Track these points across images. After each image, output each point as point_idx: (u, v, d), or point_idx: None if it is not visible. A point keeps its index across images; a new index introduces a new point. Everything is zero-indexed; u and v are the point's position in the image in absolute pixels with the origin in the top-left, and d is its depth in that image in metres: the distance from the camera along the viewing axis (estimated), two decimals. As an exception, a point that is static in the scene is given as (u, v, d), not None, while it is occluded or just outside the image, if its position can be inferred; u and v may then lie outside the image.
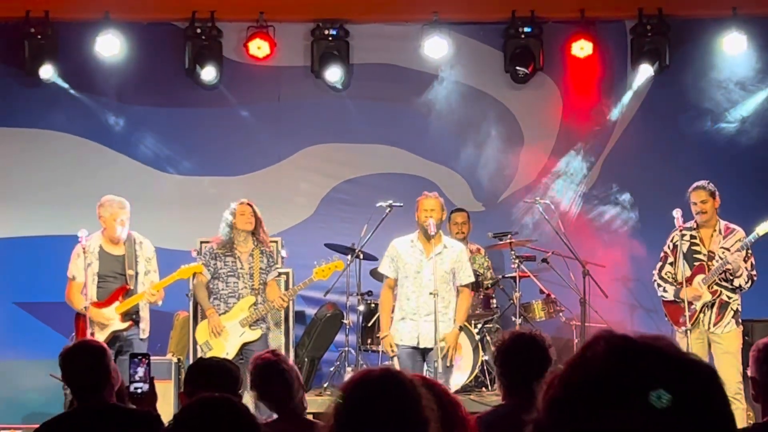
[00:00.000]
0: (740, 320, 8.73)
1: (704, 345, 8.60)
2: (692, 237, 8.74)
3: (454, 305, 8.58)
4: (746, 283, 8.61)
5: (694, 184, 8.77)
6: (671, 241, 8.83)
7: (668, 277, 8.84)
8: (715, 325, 8.62)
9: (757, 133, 11.43)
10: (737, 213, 9.10)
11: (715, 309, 8.64)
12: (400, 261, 8.54)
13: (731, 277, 8.59)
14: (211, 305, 9.04)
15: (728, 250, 8.64)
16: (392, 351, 8.43)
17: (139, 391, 4.72)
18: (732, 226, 8.76)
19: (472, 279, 8.79)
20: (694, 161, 11.22)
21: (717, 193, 8.71)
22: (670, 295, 8.82)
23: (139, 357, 4.79)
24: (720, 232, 8.72)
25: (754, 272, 8.62)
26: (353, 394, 2.77)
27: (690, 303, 8.54)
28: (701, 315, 8.61)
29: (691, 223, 8.79)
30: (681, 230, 8.71)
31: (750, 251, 8.63)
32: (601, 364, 1.57)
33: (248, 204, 9.16)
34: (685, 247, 8.71)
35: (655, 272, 8.95)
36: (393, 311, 8.56)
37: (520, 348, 4.58)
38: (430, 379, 3.97)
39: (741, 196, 10.22)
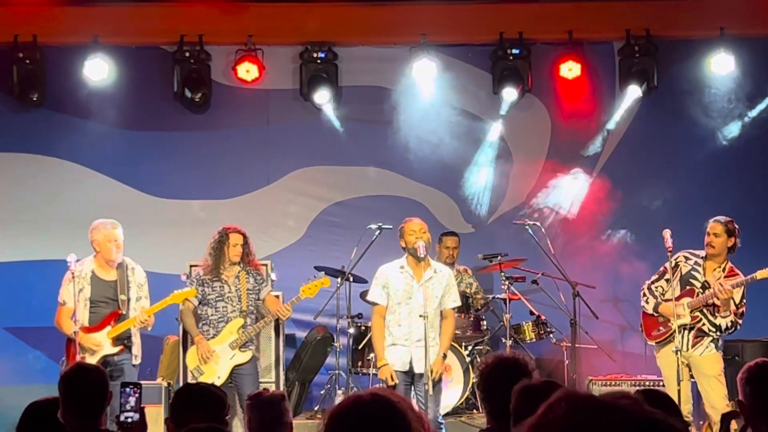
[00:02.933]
0: (719, 345, 8.71)
1: (685, 368, 8.58)
2: (696, 264, 8.71)
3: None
4: (727, 329, 8.59)
5: (716, 217, 8.71)
6: (675, 260, 8.76)
7: (657, 291, 8.83)
8: (693, 347, 8.62)
9: (745, 154, 11.45)
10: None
11: (693, 332, 8.63)
12: (390, 287, 8.45)
13: (716, 314, 8.57)
14: (198, 332, 9.01)
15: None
16: (392, 380, 8.23)
17: (129, 420, 4.68)
18: (737, 270, 8.68)
19: (458, 303, 8.75)
20: (683, 182, 11.24)
21: (737, 233, 8.62)
22: (650, 308, 8.83)
23: (131, 386, 4.75)
24: (723, 270, 8.69)
25: (740, 321, 8.58)
26: (343, 420, 2.76)
27: (667, 320, 8.54)
28: (676, 335, 8.55)
29: (702, 252, 8.74)
30: (689, 254, 8.70)
31: (744, 300, 8.58)
32: (561, 428, 1.58)
33: (242, 234, 9.10)
34: (684, 270, 8.70)
35: (647, 282, 8.94)
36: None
37: (502, 372, 4.51)
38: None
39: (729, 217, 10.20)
